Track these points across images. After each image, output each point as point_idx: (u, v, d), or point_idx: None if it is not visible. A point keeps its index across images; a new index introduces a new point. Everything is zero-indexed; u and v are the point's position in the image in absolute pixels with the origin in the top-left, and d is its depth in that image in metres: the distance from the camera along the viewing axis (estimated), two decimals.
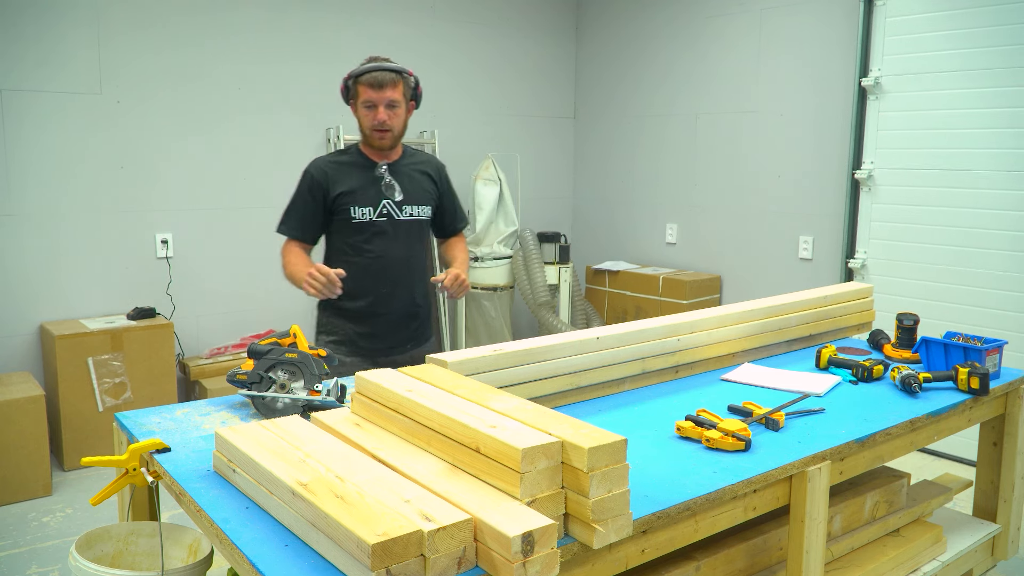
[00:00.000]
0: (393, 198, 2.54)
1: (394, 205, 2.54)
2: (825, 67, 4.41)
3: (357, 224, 2.51)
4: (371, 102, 2.45)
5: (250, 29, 4.46)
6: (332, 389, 1.91)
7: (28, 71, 3.86)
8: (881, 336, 2.73)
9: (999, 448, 2.50)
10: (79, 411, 3.79)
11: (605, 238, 5.79)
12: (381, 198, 2.53)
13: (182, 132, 4.31)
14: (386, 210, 2.53)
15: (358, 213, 2.50)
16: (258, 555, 1.28)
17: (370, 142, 2.53)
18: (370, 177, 2.54)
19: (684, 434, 1.84)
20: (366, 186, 2.52)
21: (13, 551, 3.04)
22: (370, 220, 2.51)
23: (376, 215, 2.52)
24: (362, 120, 2.50)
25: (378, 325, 2.57)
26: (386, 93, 2.45)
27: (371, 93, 2.44)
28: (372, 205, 2.51)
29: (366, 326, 2.56)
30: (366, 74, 2.45)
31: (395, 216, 2.55)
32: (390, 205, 2.54)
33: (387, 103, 2.46)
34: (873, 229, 4.22)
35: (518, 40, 5.60)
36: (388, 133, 2.49)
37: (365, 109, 2.47)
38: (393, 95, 2.46)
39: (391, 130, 2.49)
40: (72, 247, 4.06)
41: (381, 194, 2.53)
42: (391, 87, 2.46)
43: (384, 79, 2.44)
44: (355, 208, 2.50)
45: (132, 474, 1.69)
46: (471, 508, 1.25)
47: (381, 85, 2.44)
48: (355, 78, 2.48)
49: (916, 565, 2.26)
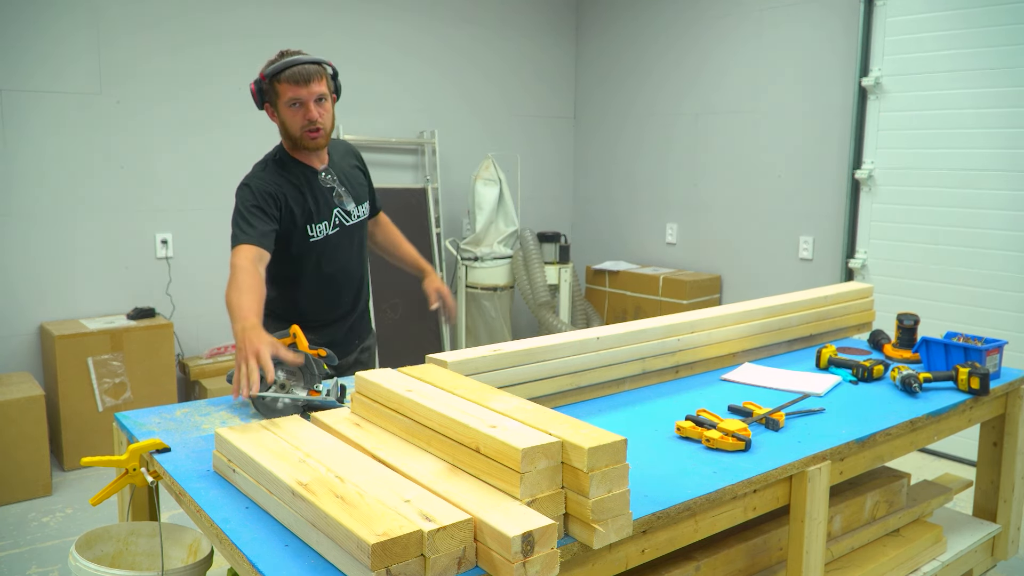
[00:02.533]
0: (344, 206, 2.34)
1: (344, 213, 2.35)
2: (825, 67, 4.41)
3: (313, 243, 2.29)
4: (298, 99, 2.17)
5: (250, 30, 4.46)
6: (332, 389, 1.91)
7: (28, 71, 3.86)
8: (881, 336, 2.73)
9: (999, 448, 2.50)
10: (79, 411, 3.79)
11: (605, 238, 5.79)
12: (332, 208, 2.31)
13: (182, 132, 4.31)
14: (339, 219, 2.33)
15: (316, 231, 2.28)
16: (258, 555, 1.28)
17: (302, 145, 2.23)
18: (318, 187, 2.30)
19: (684, 434, 1.84)
20: (318, 199, 2.29)
21: (13, 551, 3.03)
22: (326, 235, 2.30)
23: (331, 228, 2.32)
24: (289, 121, 2.21)
25: (331, 331, 2.41)
26: (313, 88, 2.17)
27: (297, 90, 2.16)
28: (327, 219, 2.30)
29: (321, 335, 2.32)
30: (287, 69, 2.15)
31: (346, 223, 2.36)
32: (341, 214, 2.34)
33: (316, 98, 2.18)
34: (873, 229, 4.22)
35: (518, 40, 5.60)
36: (320, 132, 2.22)
37: (291, 109, 2.19)
38: (320, 88, 2.19)
39: (323, 127, 2.23)
40: (72, 247, 4.06)
41: (331, 203, 2.31)
42: (316, 80, 2.18)
43: (309, 72, 2.16)
44: (312, 227, 2.27)
45: (132, 474, 1.69)
46: (471, 508, 1.25)
47: (307, 80, 2.16)
48: (272, 77, 2.18)
49: (916, 565, 2.26)
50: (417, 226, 5.08)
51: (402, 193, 5.05)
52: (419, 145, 5.20)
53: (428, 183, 5.14)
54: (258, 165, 2.30)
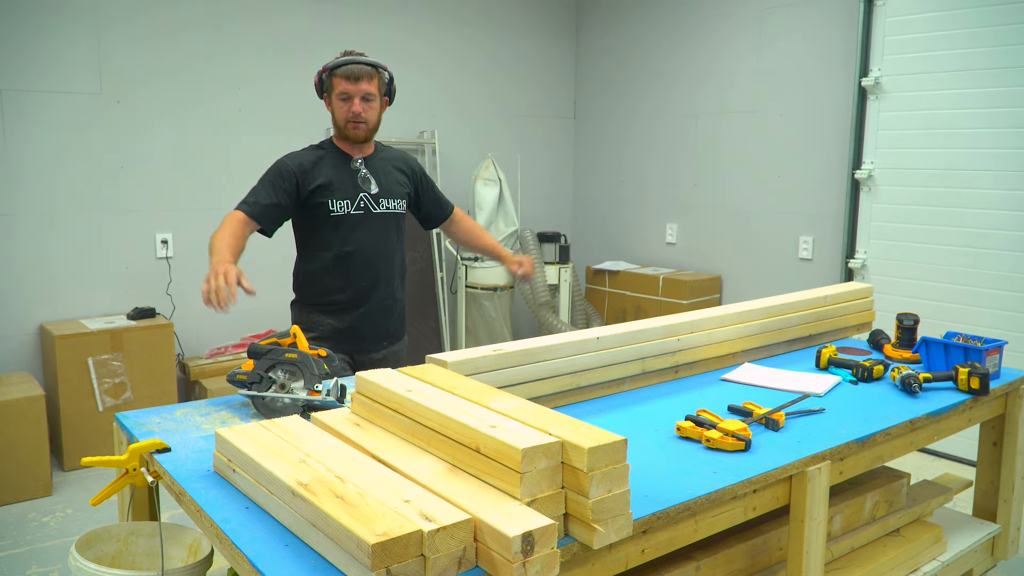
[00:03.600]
0: (369, 191, 2.52)
1: (370, 198, 2.53)
2: (825, 67, 4.41)
3: (335, 218, 2.48)
4: (347, 94, 2.44)
5: (250, 29, 4.46)
6: (332, 389, 1.91)
7: (28, 71, 3.86)
8: (881, 336, 2.73)
9: (999, 448, 2.50)
10: (79, 411, 3.79)
11: (605, 238, 5.79)
12: (358, 191, 2.51)
13: (182, 132, 4.31)
14: (363, 203, 2.51)
15: (336, 206, 2.48)
16: (258, 555, 1.28)
17: (345, 134, 2.50)
18: (346, 170, 2.52)
19: (684, 434, 1.84)
20: (343, 179, 2.50)
21: (13, 551, 3.03)
22: (347, 213, 2.49)
23: (354, 208, 2.50)
24: (337, 112, 2.48)
25: (356, 320, 2.55)
26: (362, 86, 2.44)
27: (347, 85, 2.43)
28: (349, 198, 2.49)
29: (344, 321, 2.54)
30: (342, 66, 2.44)
31: (372, 209, 2.53)
32: (367, 198, 2.52)
33: (363, 95, 2.45)
34: (873, 229, 4.22)
35: (518, 40, 5.60)
36: (363, 125, 2.48)
37: (340, 101, 2.46)
38: (368, 88, 2.45)
39: (366, 122, 2.48)
40: (72, 247, 4.06)
41: (358, 187, 2.51)
42: (367, 80, 2.45)
43: (360, 72, 2.43)
44: (333, 201, 2.47)
45: (132, 474, 1.69)
46: (471, 508, 1.25)
47: (357, 78, 2.43)
48: (331, 71, 2.46)
49: (916, 565, 2.26)
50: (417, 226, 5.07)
51: None
52: (419, 145, 5.20)
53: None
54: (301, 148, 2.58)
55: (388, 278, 2.59)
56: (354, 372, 2.46)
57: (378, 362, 2.59)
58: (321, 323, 2.54)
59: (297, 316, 2.60)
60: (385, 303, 2.60)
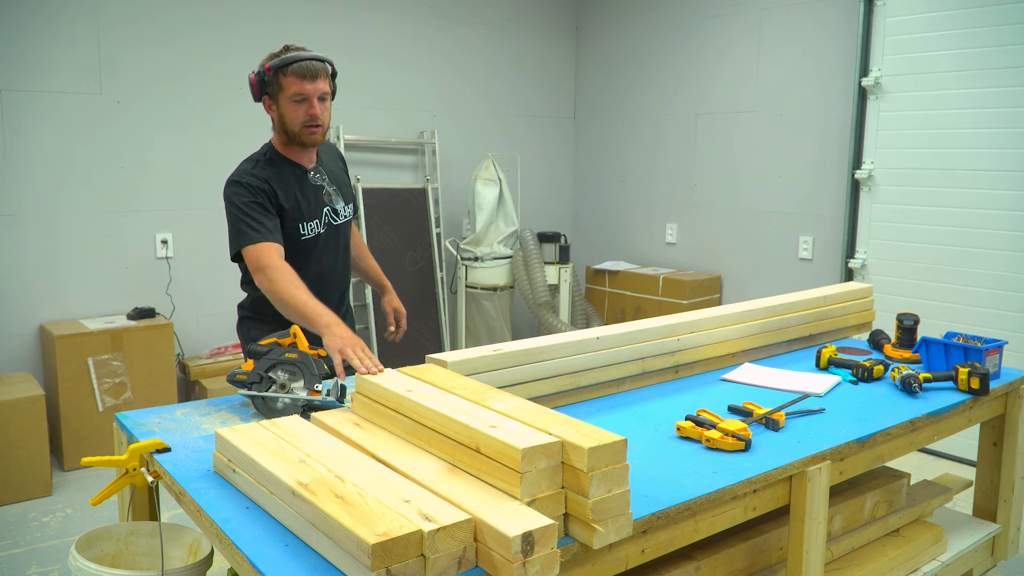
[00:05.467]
0: (332, 204, 2.33)
1: (333, 212, 2.33)
2: (825, 67, 4.41)
3: (305, 241, 2.27)
4: (302, 95, 2.17)
5: (250, 29, 4.46)
6: (332, 389, 1.91)
7: (27, 71, 3.86)
8: (881, 336, 2.73)
9: (999, 448, 2.50)
10: (79, 411, 3.79)
11: (605, 238, 5.79)
12: (322, 206, 2.30)
13: (182, 132, 4.31)
14: (327, 219, 2.32)
15: (307, 229, 2.27)
16: (258, 555, 1.28)
17: (299, 140, 2.23)
18: (308, 186, 2.28)
19: (684, 434, 1.84)
20: (308, 197, 2.27)
21: (13, 551, 3.03)
22: (317, 233, 2.29)
23: (321, 226, 2.30)
24: (290, 116, 2.20)
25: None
26: (318, 84, 2.18)
27: (303, 85, 2.15)
28: (317, 218, 2.28)
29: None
30: (295, 63, 2.15)
31: (334, 222, 2.34)
32: (330, 213, 2.32)
33: (319, 95, 2.19)
34: (873, 229, 4.22)
35: (518, 39, 5.60)
36: (319, 129, 2.23)
37: (294, 104, 2.18)
38: (324, 86, 2.20)
39: (322, 124, 2.23)
40: (72, 247, 4.06)
41: (321, 202, 2.30)
42: (322, 77, 2.19)
43: (316, 69, 2.17)
44: (303, 224, 2.26)
45: (132, 474, 1.69)
46: (471, 508, 1.25)
47: (314, 76, 2.17)
48: (278, 69, 2.16)
49: (916, 565, 2.26)
50: (417, 226, 5.09)
51: (402, 193, 5.05)
52: (419, 145, 5.20)
53: (428, 183, 5.14)
54: (247, 163, 2.28)
55: (343, 289, 2.45)
56: None
57: None
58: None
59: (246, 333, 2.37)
60: (341, 311, 2.43)
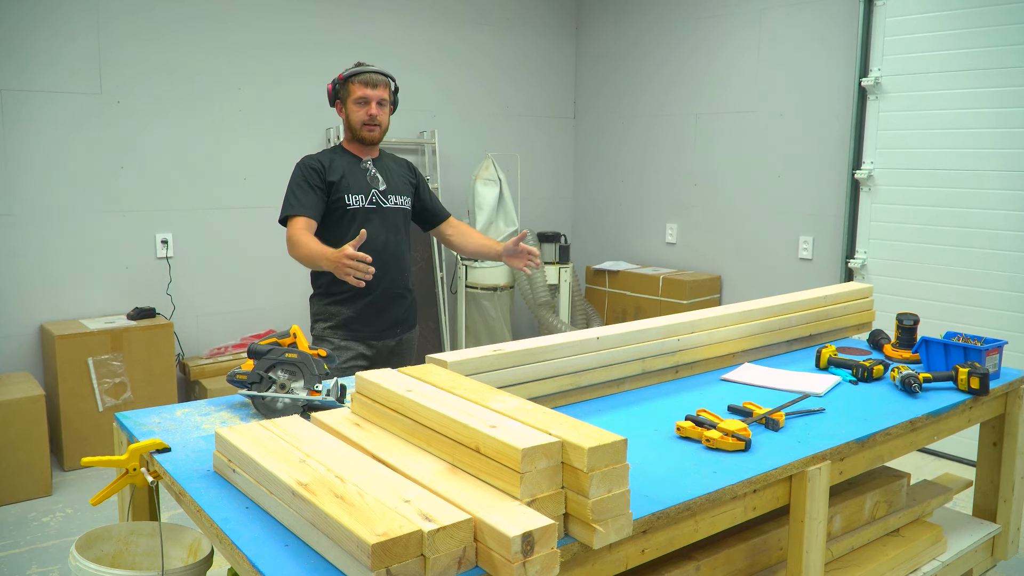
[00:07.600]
0: (379, 188, 2.75)
1: (380, 194, 2.75)
2: (825, 67, 4.41)
3: (351, 211, 2.69)
4: (364, 98, 2.68)
5: (250, 30, 4.46)
6: (332, 389, 1.91)
7: (28, 71, 3.86)
8: (881, 336, 2.73)
9: (999, 448, 2.50)
10: (79, 411, 3.79)
11: (605, 238, 5.79)
12: (369, 188, 2.74)
13: (182, 132, 4.31)
14: (375, 198, 2.74)
15: (352, 200, 2.69)
16: (258, 555, 1.28)
17: (359, 136, 2.72)
18: (358, 169, 2.75)
19: (684, 434, 1.84)
20: (356, 176, 2.73)
21: (13, 551, 3.04)
22: (362, 207, 2.71)
23: (367, 202, 2.72)
24: (353, 115, 2.70)
25: (370, 307, 2.72)
26: (378, 91, 2.69)
27: (365, 90, 2.67)
28: (363, 193, 2.72)
29: (359, 308, 2.71)
30: (361, 74, 2.69)
31: (382, 204, 2.75)
32: (377, 194, 2.75)
33: (378, 100, 2.70)
34: (873, 229, 4.22)
35: (518, 40, 5.60)
36: (377, 128, 2.72)
37: (357, 105, 2.69)
38: (383, 94, 2.71)
39: (380, 125, 2.72)
40: (72, 247, 4.06)
41: (368, 184, 2.74)
42: (382, 86, 2.71)
43: (377, 79, 2.70)
44: (349, 195, 2.69)
45: (132, 474, 1.69)
46: (471, 508, 1.25)
47: (375, 84, 2.69)
48: (349, 78, 2.70)
49: (916, 565, 2.26)
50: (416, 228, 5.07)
51: None
52: (419, 145, 5.20)
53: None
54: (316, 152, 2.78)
55: (399, 268, 2.78)
56: (371, 360, 2.73)
57: (394, 348, 2.80)
58: (338, 313, 2.72)
59: (315, 308, 2.78)
60: (397, 291, 2.78)
